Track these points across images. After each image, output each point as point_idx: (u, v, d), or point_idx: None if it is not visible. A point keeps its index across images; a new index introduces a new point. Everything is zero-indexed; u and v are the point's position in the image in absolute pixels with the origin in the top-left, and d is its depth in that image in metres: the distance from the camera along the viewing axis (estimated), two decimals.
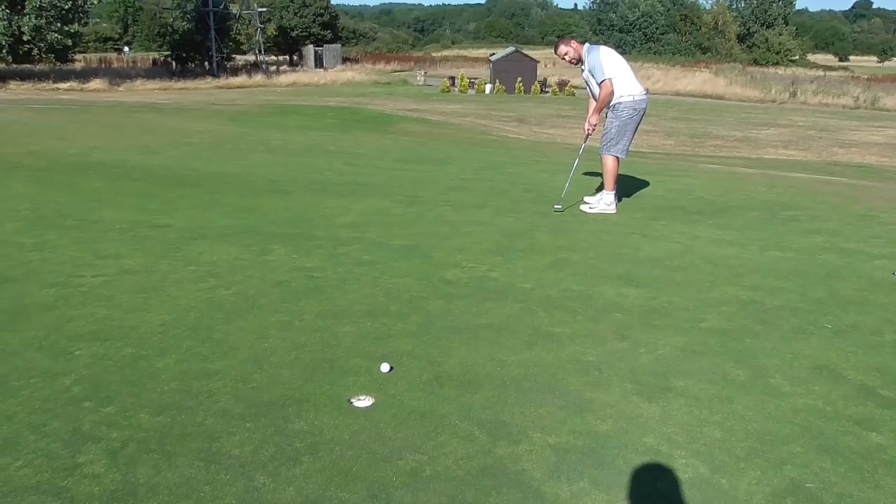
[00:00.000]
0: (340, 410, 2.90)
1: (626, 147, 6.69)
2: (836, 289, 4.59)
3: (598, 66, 6.43)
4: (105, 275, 4.51)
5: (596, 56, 6.47)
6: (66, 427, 2.73)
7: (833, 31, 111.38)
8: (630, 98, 6.52)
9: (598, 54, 6.48)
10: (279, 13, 57.26)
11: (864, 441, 2.78)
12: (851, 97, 37.56)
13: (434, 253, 5.14)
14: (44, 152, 9.40)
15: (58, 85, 32.04)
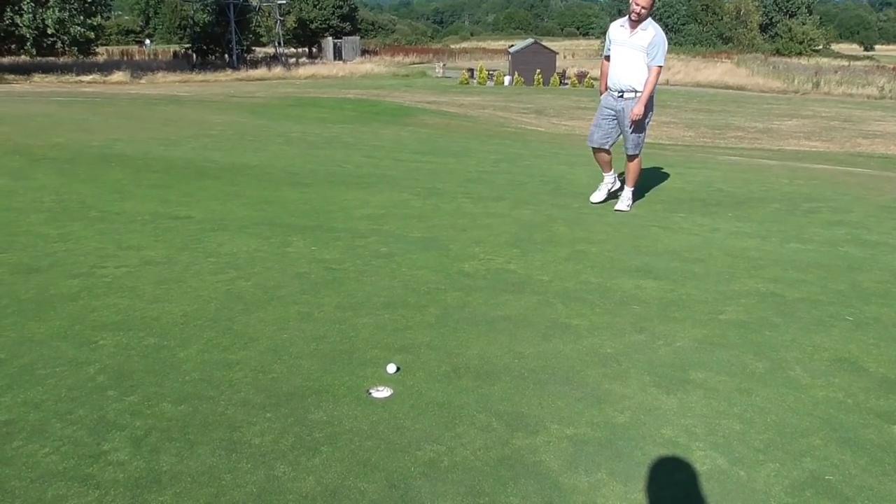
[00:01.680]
0: (359, 401, 2.93)
1: None
2: (858, 281, 4.55)
3: (661, 46, 5.79)
4: (127, 266, 4.58)
5: (662, 34, 5.83)
6: (92, 415, 2.78)
7: (858, 20, 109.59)
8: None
9: (664, 37, 5.87)
10: (299, 5, 57.38)
11: (885, 434, 2.77)
12: (876, 87, 36.97)
13: (452, 245, 5.15)
14: (67, 144, 9.51)
15: (81, 77, 32.41)
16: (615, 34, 5.94)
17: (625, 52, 5.85)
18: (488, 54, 59.94)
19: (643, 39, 5.76)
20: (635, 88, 5.94)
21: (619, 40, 5.89)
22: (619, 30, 5.93)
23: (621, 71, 5.94)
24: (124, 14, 73.00)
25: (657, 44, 5.74)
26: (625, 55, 5.87)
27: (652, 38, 5.72)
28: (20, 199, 6.38)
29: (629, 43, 5.80)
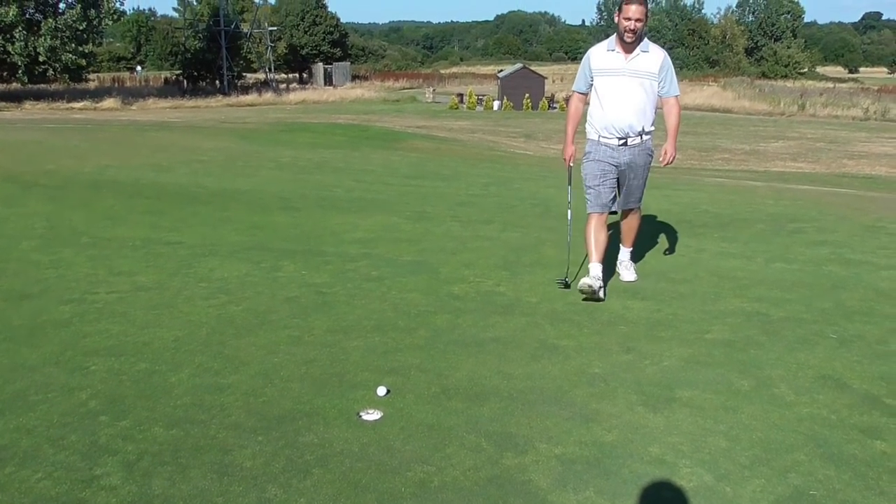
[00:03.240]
0: (350, 424, 2.96)
1: None
2: (842, 299, 4.62)
3: (673, 73, 4.54)
4: (119, 291, 4.60)
5: (670, 61, 4.56)
6: (84, 440, 2.80)
7: (842, 43, 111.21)
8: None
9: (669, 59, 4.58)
10: (289, 31, 57.82)
11: (868, 449, 2.81)
12: (861, 109, 37.45)
13: (442, 268, 5.20)
14: (59, 171, 9.54)
15: (72, 104, 32.48)
16: (602, 62, 4.49)
17: (623, 84, 4.43)
18: (478, 79, 60.43)
19: (649, 64, 4.42)
20: (644, 130, 4.54)
21: (610, 68, 4.45)
22: (608, 55, 4.47)
23: (622, 109, 4.47)
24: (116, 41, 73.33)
25: (670, 67, 4.50)
26: (624, 87, 4.43)
27: (662, 62, 4.43)
28: (11, 225, 6.41)
29: (628, 70, 4.41)
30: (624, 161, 4.59)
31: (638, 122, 4.50)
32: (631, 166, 4.61)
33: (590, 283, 4.41)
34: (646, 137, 4.59)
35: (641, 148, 4.60)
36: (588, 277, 4.47)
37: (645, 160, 4.65)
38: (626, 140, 4.54)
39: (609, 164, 4.60)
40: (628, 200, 4.78)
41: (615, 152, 4.58)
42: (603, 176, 4.61)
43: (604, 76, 4.50)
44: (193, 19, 48.42)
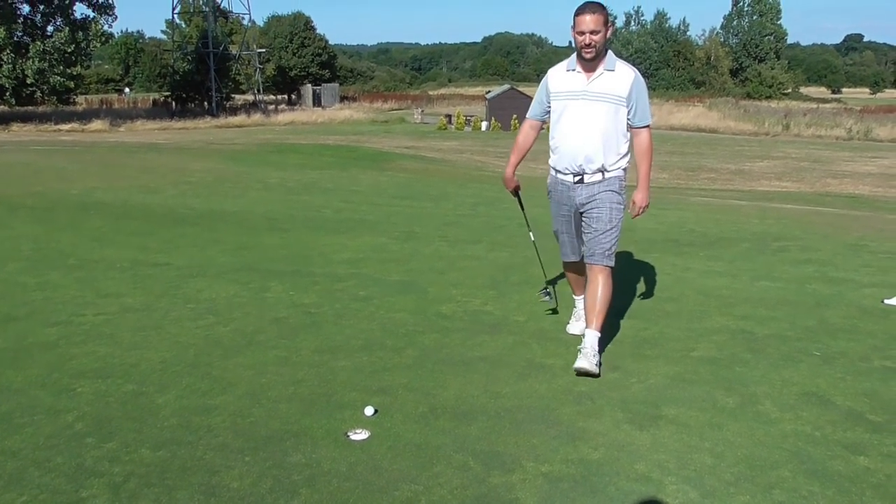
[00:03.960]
0: (337, 443, 2.96)
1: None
2: (826, 317, 4.67)
3: (645, 93, 3.76)
4: (106, 313, 4.59)
5: (644, 83, 3.78)
6: (70, 462, 2.78)
7: (825, 64, 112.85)
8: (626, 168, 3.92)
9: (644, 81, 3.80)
10: (278, 53, 58.11)
11: (852, 465, 2.84)
12: (844, 129, 37.94)
13: (430, 288, 5.22)
14: (46, 193, 9.52)
15: (59, 126, 32.43)
16: (560, 83, 3.77)
17: (583, 110, 3.69)
18: (466, 100, 60.85)
19: (615, 85, 3.65)
20: (605, 167, 3.74)
21: (568, 91, 3.72)
22: (567, 76, 3.75)
23: (579, 138, 3.72)
24: (104, 63, 73.43)
25: (641, 91, 3.70)
26: (584, 113, 3.69)
27: (632, 83, 3.66)
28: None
29: (589, 93, 3.67)
30: (580, 202, 3.80)
31: (598, 155, 3.70)
32: (589, 205, 3.77)
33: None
34: (610, 174, 3.76)
35: (604, 186, 3.76)
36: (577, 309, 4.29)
37: (609, 199, 3.75)
38: (583, 177, 3.76)
39: (566, 204, 3.90)
40: (591, 251, 3.82)
41: (570, 191, 3.83)
42: (566, 220, 3.96)
43: (561, 100, 3.76)
44: (182, 41, 48.60)
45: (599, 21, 3.56)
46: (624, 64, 3.73)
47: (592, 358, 3.65)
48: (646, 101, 3.76)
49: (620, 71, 3.68)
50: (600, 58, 3.66)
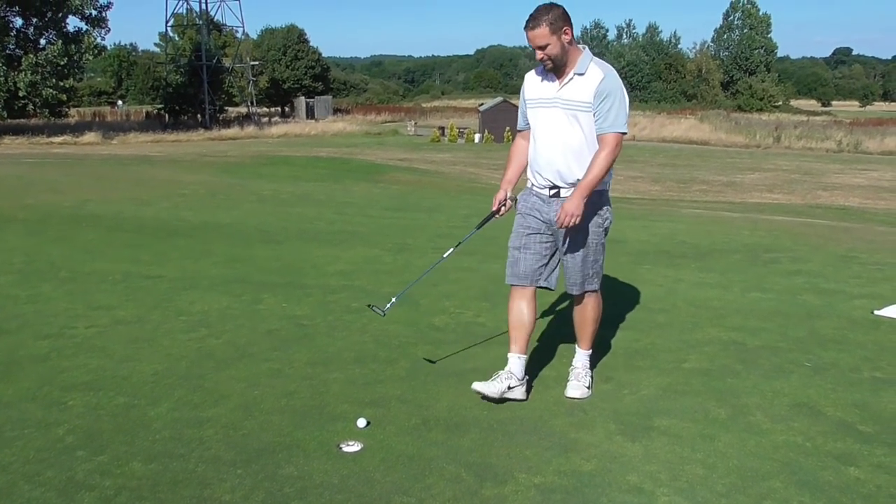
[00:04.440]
0: (330, 456, 2.95)
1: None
2: (816, 328, 4.69)
3: (617, 97, 3.28)
4: (98, 326, 4.58)
5: (616, 79, 3.31)
6: (60, 476, 2.77)
7: (815, 78, 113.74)
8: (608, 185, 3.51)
9: (620, 84, 3.33)
10: (271, 66, 58.25)
11: (842, 476, 2.85)
12: (834, 141, 38.23)
13: (422, 300, 5.22)
14: (38, 205, 9.50)
15: (52, 139, 32.37)
16: (534, 90, 3.45)
17: (553, 119, 3.37)
18: (459, 112, 60.99)
19: (582, 91, 3.28)
20: (577, 177, 3.35)
21: (542, 98, 3.41)
22: (540, 82, 3.42)
23: (551, 150, 3.40)
24: (97, 76, 73.40)
25: (610, 93, 3.26)
26: (553, 122, 3.37)
27: (598, 86, 3.25)
28: None
29: (560, 100, 3.34)
30: (555, 217, 3.37)
31: (571, 168, 3.35)
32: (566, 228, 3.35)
33: (489, 389, 3.35)
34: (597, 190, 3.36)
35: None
36: (493, 380, 3.40)
37: (588, 221, 3.39)
38: (559, 190, 3.41)
39: (538, 219, 3.47)
40: (572, 280, 3.51)
41: (546, 206, 3.44)
42: (528, 235, 3.49)
43: (535, 108, 3.44)
44: (175, 54, 48.68)
45: (544, 34, 3.21)
46: (597, 65, 3.30)
47: (584, 379, 3.61)
48: (617, 105, 3.27)
49: (590, 74, 3.28)
50: (569, 63, 3.30)
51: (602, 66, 3.31)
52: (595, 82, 3.26)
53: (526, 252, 3.49)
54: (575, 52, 3.30)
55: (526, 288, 3.50)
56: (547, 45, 3.22)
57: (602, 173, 3.28)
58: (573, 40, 3.28)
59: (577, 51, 3.31)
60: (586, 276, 3.49)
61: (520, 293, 3.52)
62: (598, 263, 3.52)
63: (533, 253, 3.49)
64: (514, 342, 3.52)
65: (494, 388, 3.37)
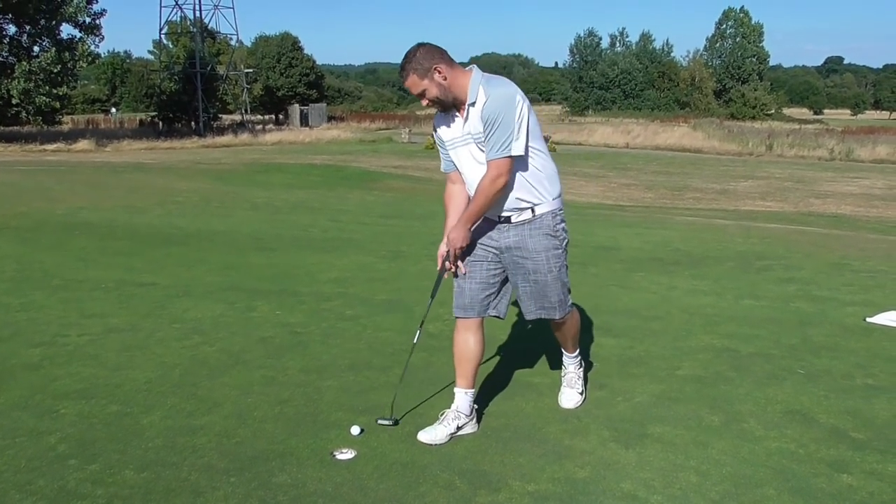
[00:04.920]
0: (323, 463, 2.95)
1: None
2: (809, 335, 4.71)
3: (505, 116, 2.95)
4: (90, 334, 4.56)
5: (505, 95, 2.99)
6: (52, 485, 2.75)
7: (807, 86, 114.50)
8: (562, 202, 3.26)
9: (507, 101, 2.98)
10: (265, 73, 58.29)
11: (835, 482, 2.86)
12: (826, 149, 38.37)
13: (417, 307, 5.22)
14: (31, 213, 9.47)
15: (45, 146, 32.24)
16: (444, 130, 3.19)
17: (471, 154, 3.11)
18: None
19: (477, 121, 3.03)
20: (524, 202, 3.13)
21: (453, 137, 3.15)
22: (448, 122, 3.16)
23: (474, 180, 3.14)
24: (90, 83, 73.34)
25: (492, 118, 2.96)
26: (473, 157, 3.12)
27: (482, 114, 2.99)
28: None
29: (470, 136, 3.08)
30: (507, 244, 3.18)
31: (508, 196, 3.10)
32: (519, 252, 3.17)
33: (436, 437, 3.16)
34: (541, 210, 3.15)
35: (534, 226, 3.15)
36: (440, 423, 3.22)
37: (543, 244, 3.16)
38: (510, 217, 3.17)
39: (485, 247, 3.23)
40: (534, 306, 3.27)
41: (497, 232, 3.21)
42: (472, 263, 3.24)
43: (453, 148, 3.17)
44: (169, 62, 48.69)
45: (415, 82, 3.00)
46: (485, 88, 3.00)
47: (577, 384, 3.59)
48: (502, 128, 2.95)
49: (478, 102, 3.00)
50: (460, 95, 3.03)
51: (487, 87, 3.00)
52: (480, 107, 3.00)
53: (471, 281, 3.25)
54: (462, 82, 3.02)
55: (471, 319, 3.29)
56: (423, 90, 3.02)
57: (482, 205, 3.06)
58: (454, 69, 3.02)
59: (464, 79, 3.02)
60: (555, 302, 3.25)
61: (464, 325, 3.31)
62: (561, 291, 3.25)
63: (478, 282, 3.25)
64: (461, 377, 3.31)
65: (442, 434, 3.17)
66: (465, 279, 3.26)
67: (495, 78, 3.06)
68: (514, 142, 2.97)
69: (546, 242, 3.17)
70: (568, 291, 3.31)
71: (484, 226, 3.24)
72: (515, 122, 2.97)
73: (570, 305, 3.35)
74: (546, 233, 3.17)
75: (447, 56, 3.04)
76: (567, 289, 3.29)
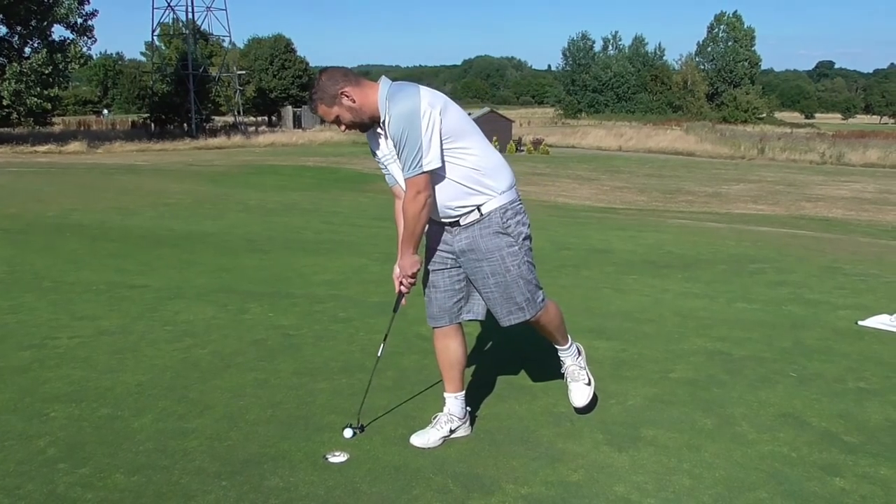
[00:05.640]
0: (316, 467, 2.93)
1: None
2: (801, 338, 4.72)
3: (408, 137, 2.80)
4: (81, 336, 4.53)
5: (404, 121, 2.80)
6: (41, 489, 2.73)
7: (798, 90, 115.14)
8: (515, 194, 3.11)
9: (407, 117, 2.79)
10: (258, 75, 58.19)
11: (827, 486, 2.86)
12: (818, 153, 38.60)
13: (409, 309, 5.16)
14: (21, 214, 9.41)
15: (36, 148, 32.10)
16: (377, 148, 3.07)
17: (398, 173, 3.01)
18: None
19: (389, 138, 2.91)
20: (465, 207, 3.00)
21: (384, 154, 3.04)
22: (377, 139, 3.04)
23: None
24: (82, 85, 73.05)
25: (397, 136, 2.83)
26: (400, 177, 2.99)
27: (388, 128, 2.87)
28: None
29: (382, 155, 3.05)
30: (460, 247, 3.07)
31: (447, 204, 2.99)
32: (473, 254, 3.04)
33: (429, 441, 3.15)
34: (488, 208, 3.00)
35: (483, 226, 3.01)
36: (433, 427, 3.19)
37: (496, 243, 3.02)
38: (458, 219, 3.04)
39: (443, 252, 3.13)
40: (503, 311, 3.14)
41: (450, 235, 3.09)
42: (434, 272, 3.18)
43: (387, 164, 3.06)
44: (161, 63, 48.53)
45: (325, 111, 2.91)
46: (387, 106, 2.84)
47: (581, 374, 3.43)
48: (410, 144, 2.80)
49: (388, 117, 2.85)
50: (373, 113, 2.90)
51: (389, 104, 2.83)
52: (387, 124, 2.87)
53: (436, 290, 3.18)
54: (373, 99, 2.87)
55: (446, 327, 3.21)
56: (336, 117, 2.92)
57: (412, 227, 2.92)
58: (363, 87, 2.88)
59: (374, 95, 2.87)
60: (512, 311, 3.12)
61: (441, 333, 3.24)
62: (526, 289, 3.10)
63: (443, 290, 3.16)
64: (448, 382, 3.26)
65: (434, 437, 3.15)
66: (431, 289, 3.19)
67: (398, 91, 2.85)
68: (425, 157, 2.80)
69: (498, 241, 3.02)
70: (536, 287, 3.16)
71: (439, 230, 3.13)
72: (423, 135, 2.79)
73: (540, 302, 3.19)
74: (496, 231, 3.02)
75: (352, 76, 2.91)
76: (533, 285, 3.14)
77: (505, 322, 3.17)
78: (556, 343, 3.47)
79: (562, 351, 3.48)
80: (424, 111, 2.80)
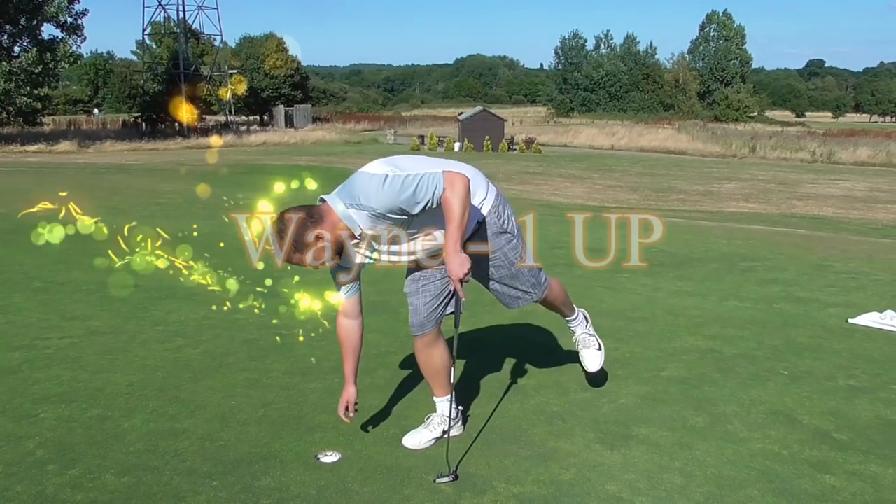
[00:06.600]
0: (307, 466, 2.92)
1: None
2: (792, 336, 4.74)
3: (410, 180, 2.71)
4: (71, 336, 4.51)
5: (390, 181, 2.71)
6: (30, 491, 2.71)
7: (789, 89, 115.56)
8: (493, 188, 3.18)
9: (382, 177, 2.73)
10: (250, 74, 58.02)
11: (818, 483, 2.87)
12: (808, 151, 38.76)
13: (402, 308, 5.17)
14: (10, 214, 9.34)
15: (25, 147, 31.91)
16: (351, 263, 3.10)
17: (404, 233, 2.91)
18: (439, 121, 61.08)
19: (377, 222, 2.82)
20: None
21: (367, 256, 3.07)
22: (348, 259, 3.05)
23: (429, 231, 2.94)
24: (72, 84, 72.65)
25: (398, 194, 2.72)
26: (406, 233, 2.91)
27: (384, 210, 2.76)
28: None
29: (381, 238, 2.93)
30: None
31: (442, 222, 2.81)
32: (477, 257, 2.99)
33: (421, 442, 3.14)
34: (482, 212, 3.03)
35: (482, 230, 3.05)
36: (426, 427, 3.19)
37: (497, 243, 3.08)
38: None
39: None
40: (511, 298, 3.27)
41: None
42: (419, 279, 3.17)
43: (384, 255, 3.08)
44: (152, 62, 48.31)
45: (305, 260, 2.85)
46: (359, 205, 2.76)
47: (591, 341, 3.58)
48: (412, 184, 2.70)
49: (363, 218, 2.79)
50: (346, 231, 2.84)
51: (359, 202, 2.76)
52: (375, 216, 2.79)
53: (424, 296, 3.15)
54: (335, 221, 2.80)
55: (429, 333, 3.18)
56: (321, 262, 2.90)
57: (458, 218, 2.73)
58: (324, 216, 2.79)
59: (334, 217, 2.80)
60: (517, 296, 3.23)
61: (423, 342, 3.20)
62: (530, 274, 3.19)
63: (432, 296, 3.15)
64: (438, 388, 3.24)
65: (427, 438, 3.15)
66: (419, 295, 3.16)
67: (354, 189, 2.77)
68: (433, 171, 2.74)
69: (499, 241, 3.08)
70: (538, 269, 3.24)
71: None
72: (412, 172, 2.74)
73: (545, 283, 3.27)
74: (496, 231, 3.06)
75: (310, 211, 2.78)
76: (536, 269, 3.22)
77: (513, 305, 3.32)
78: (562, 314, 3.57)
79: (570, 321, 3.61)
80: (385, 169, 2.76)
